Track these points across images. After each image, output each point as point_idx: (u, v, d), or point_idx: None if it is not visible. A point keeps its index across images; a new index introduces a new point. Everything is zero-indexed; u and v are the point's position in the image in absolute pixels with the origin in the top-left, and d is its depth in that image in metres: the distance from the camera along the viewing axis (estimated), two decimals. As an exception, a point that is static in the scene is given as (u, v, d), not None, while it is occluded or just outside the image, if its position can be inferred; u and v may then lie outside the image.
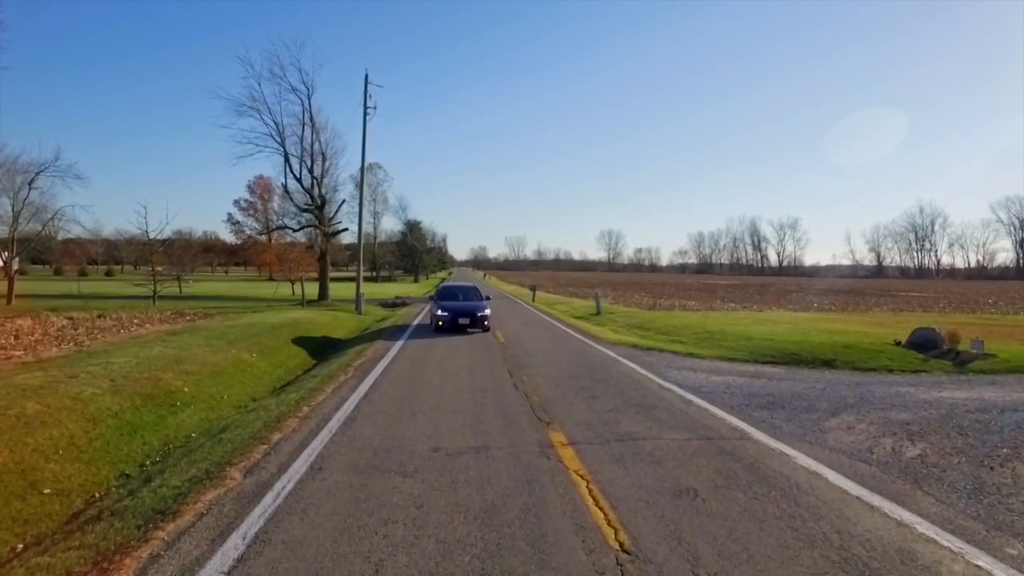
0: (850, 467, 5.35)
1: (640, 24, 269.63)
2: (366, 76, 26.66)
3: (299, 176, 33.81)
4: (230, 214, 72.22)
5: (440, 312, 16.06)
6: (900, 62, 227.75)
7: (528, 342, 14.46)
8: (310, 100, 32.92)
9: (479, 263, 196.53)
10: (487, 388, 8.69)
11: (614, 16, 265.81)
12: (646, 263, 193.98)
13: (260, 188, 67.33)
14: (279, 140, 32.78)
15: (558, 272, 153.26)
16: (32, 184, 28.38)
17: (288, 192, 35.77)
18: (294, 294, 33.55)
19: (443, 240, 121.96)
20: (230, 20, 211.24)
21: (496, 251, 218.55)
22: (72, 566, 3.62)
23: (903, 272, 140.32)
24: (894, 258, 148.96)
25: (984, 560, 3.56)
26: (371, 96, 26.97)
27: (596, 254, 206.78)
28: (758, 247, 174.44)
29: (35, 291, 36.42)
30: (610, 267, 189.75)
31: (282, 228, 44.19)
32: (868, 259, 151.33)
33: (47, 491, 5.19)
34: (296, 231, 40.63)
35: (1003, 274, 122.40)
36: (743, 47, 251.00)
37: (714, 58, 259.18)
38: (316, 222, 34.88)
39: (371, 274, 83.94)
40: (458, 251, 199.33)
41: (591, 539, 3.80)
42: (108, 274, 76.63)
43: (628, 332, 17.95)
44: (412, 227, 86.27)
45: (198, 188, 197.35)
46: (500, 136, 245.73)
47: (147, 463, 6.29)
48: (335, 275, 65.44)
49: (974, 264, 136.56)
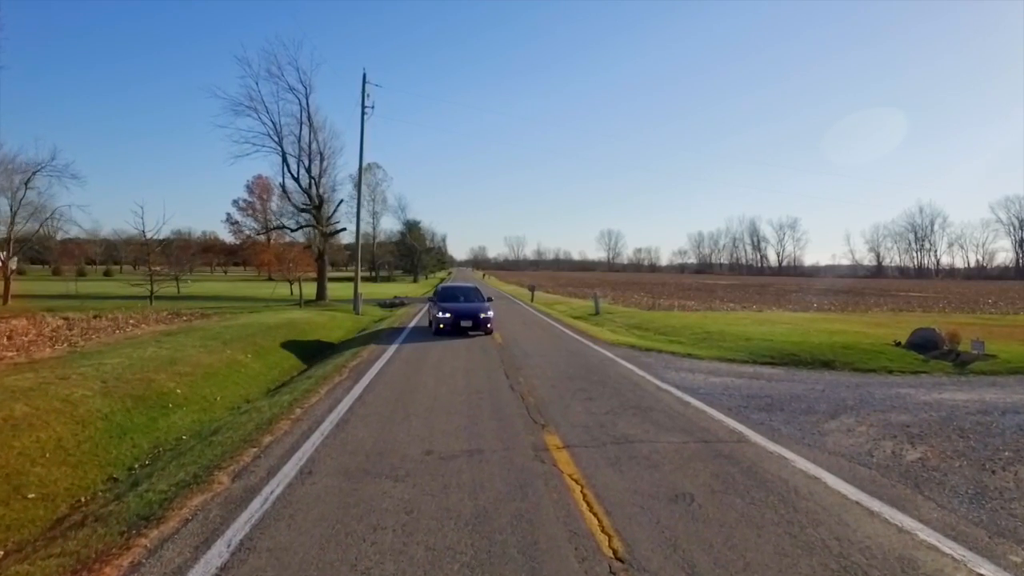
0: (849, 471, 5.26)
1: (640, 24, 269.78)
2: (364, 75, 26.63)
3: (297, 176, 33.76)
4: (229, 214, 71.99)
5: (441, 314, 15.40)
6: (900, 62, 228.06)
7: (525, 343, 14.37)
8: (308, 99, 32.88)
9: (479, 263, 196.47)
10: (483, 390, 8.60)
11: (614, 16, 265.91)
12: (646, 263, 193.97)
13: (259, 188, 67.11)
14: (277, 140, 32.74)
15: (557, 272, 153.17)
16: (29, 184, 28.26)
17: (286, 192, 35.67)
18: (292, 294, 33.44)
19: (443, 240, 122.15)
20: (230, 20, 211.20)
21: (496, 251, 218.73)
22: (51, 575, 3.53)
23: (903, 272, 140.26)
24: (894, 258, 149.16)
25: (987, 568, 3.47)
26: (369, 96, 26.92)
27: (596, 254, 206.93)
28: (757, 247, 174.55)
29: (32, 291, 36.29)
30: (610, 267, 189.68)
31: (280, 228, 44.02)
32: (868, 259, 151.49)
33: (32, 496, 5.10)
34: (294, 231, 40.52)
35: (1003, 274, 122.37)
36: (743, 47, 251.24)
37: (714, 58, 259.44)
38: (314, 222, 34.78)
39: (370, 274, 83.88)
40: (458, 251, 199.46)
41: (584, 546, 3.70)
42: (107, 274, 76.51)
43: (627, 332, 17.86)
44: (411, 227, 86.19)
45: (197, 188, 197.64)
46: (500, 136, 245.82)
47: (136, 466, 6.19)
48: (334, 275, 65.35)
49: (974, 264, 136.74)
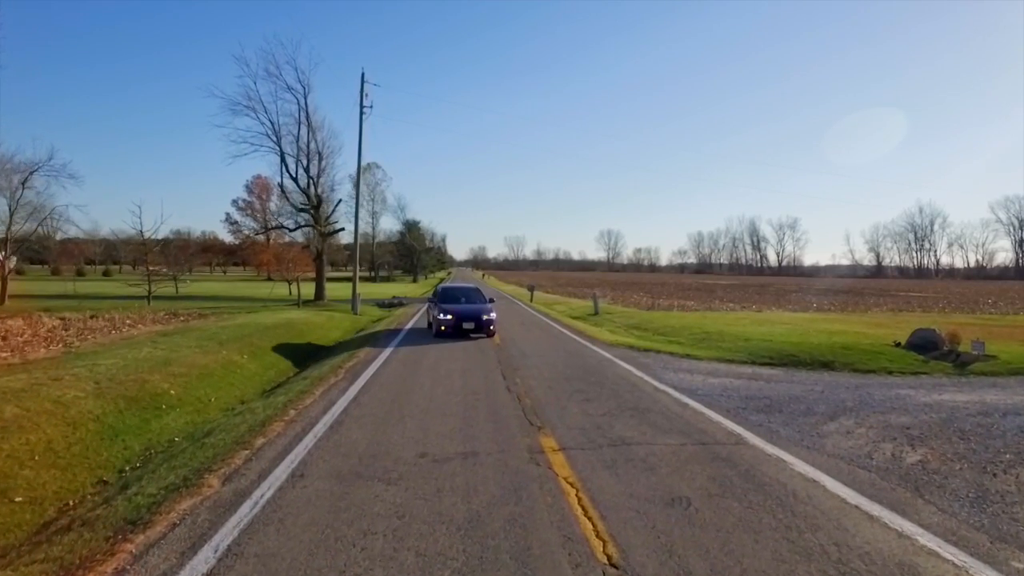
0: (849, 474, 5.19)
1: (640, 24, 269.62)
2: (362, 75, 26.52)
3: (295, 176, 33.64)
4: (228, 214, 71.99)
5: (442, 316, 14.82)
6: (900, 62, 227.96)
7: (524, 343, 14.29)
8: (306, 99, 32.75)
9: (478, 263, 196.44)
10: (479, 391, 8.52)
11: (614, 16, 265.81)
12: (645, 263, 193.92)
13: (258, 188, 67.08)
14: (275, 139, 32.62)
15: (557, 272, 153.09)
16: (26, 184, 28.18)
17: (284, 192, 35.56)
18: (291, 294, 33.36)
19: (442, 240, 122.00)
20: (230, 20, 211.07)
21: (495, 251, 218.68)
22: (33, 582, 3.46)
23: (902, 272, 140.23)
24: (893, 258, 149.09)
25: (989, 575, 3.40)
26: (368, 95, 26.80)
27: (595, 254, 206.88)
28: (757, 247, 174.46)
29: (31, 291, 36.20)
30: (609, 267, 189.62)
31: (279, 228, 43.92)
32: (867, 259, 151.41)
33: (19, 499, 5.03)
34: (292, 231, 40.38)
35: (1002, 274, 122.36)
36: (743, 47, 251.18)
37: (714, 58, 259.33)
38: (312, 222, 34.69)
39: (370, 274, 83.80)
40: (457, 251, 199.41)
41: (578, 552, 3.63)
42: (106, 274, 76.39)
43: (625, 333, 17.79)
44: (411, 227, 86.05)
45: (197, 188, 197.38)
46: (500, 136, 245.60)
47: (127, 469, 6.12)
48: (334, 275, 65.27)
49: (973, 264, 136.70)
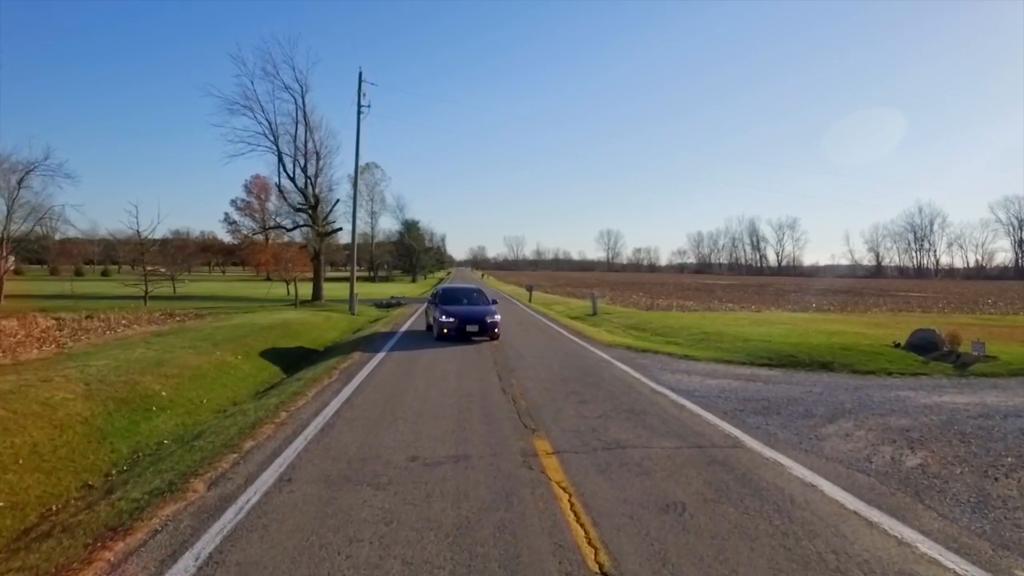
0: (847, 478, 5.09)
1: (640, 24, 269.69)
2: (360, 74, 26.40)
3: (292, 175, 33.53)
4: (227, 214, 71.94)
5: (444, 318, 14.22)
6: (900, 62, 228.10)
7: (521, 344, 14.19)
8: (304, 98, 32.66)
9: (478, 263, 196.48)
10: (474, 392, 8.42)
11: (614, 16, 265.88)
12: (645, 263, 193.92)
13: (257, 188, 66.94)
14: (272, 139, 32.52)
15: (557, 272, 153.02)
16: (22, 183, 28.05)
17: (282, 191, 35.44)
18: (289, 294, 33.25)
19: (442, 240, 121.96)
20: (229, 20, 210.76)
21: (495, 251, 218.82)
22: (6, 591, 3.36)
23: (902, 272, 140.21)
24: (893, 258, 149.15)
25: (991, 584, 3.31)
26: (365, 95, 26.69)
27: (595, 254, 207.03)
28: (757, 247, 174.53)
29: (28, 291, 36.09)
30: (609, 267, 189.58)
31: (276, 228, 43.77)
32: (867, 259, 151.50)
33: (0, 504, 4.92)
34: (290, 231, 40.24)
35: (1002, 274, 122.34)
36: (743, 47, 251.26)
37: (714, 58, 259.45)
38: (310, 222, 34.58)
39: (369, 274, 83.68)
40: (457, 251, 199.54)
41: (569, 560, 3.53)
42: (104, 274, 76.23)
43: (624, 333, 17.69)
44: (410, 227, 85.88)
45: (196, 188, 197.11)
46: (499, 136, 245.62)
47: (113, 472, 6.01)
48: (333, 275, 65.10)
49: (973, 264, 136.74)
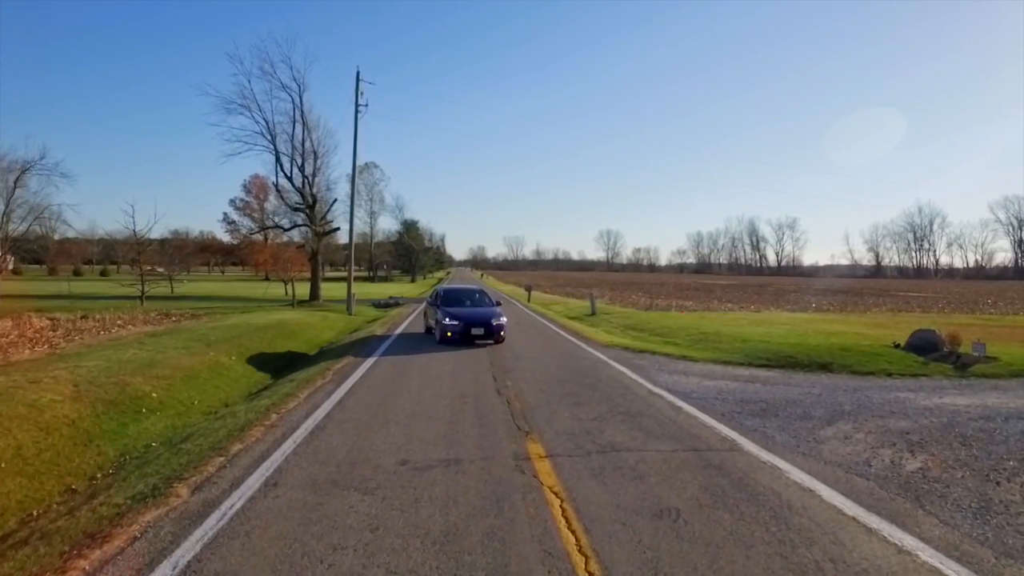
0: (846, 482, 4.98)
1: (640, 24, 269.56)
2: (357, 73, 26.32)
3: (290, 175, 33.46)
4: (226, 213, 71.88)
5: (448, 321, 13.59)
6: (900, 62, 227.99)
7: (517, 344, 14.07)
8: (301, 97, 32.59)
9: (477, 263, 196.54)
10: (468, 394, 8.31)
11: (613, 16, 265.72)
12: (644, 263, 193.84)
13: (256, 187, 66.88)
14: (270, 138, 32.45)
15: (556, 272, 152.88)
16: (18, 183, 27.94)
17: (279, 191, 35.34)
18: (287, 294, 33.13)
19: (441, 240, 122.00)
20: (229, 21, 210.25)
21: (495, 251, 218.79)
22: (-24, 602, 3.25)
23: (902, 272, 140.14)
24: (893, 258, 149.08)
25: (994, 595, 3.20)
26: (363, 94, 26.60)
27: (595, 254, 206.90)
28: (757, 247, 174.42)
29: (25, 291, 35.97)
30: (608, 267, 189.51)
31: (273, 228, 43.66)
32: (867, 259, 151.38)
33: (-21, 509, 4.81)
34: (287, 230, 40.14)
35: (1001, 274, 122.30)
36: (743, 47, 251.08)
37: (714, 58, 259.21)
38: (308, 221, 34.47)
39: (368, 274, 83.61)
40: (457, 251, 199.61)
41: (558, 569, 3.42)
42: (103, 274, 76.14)
43: (622, 334, 17.58)
44: (409, 227, 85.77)
45: (196, 188, 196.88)
46: (499, 136, 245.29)
47: (98, 476, 5.91)
48: (332, 275, 65.00)
49: (972, 264, 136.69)
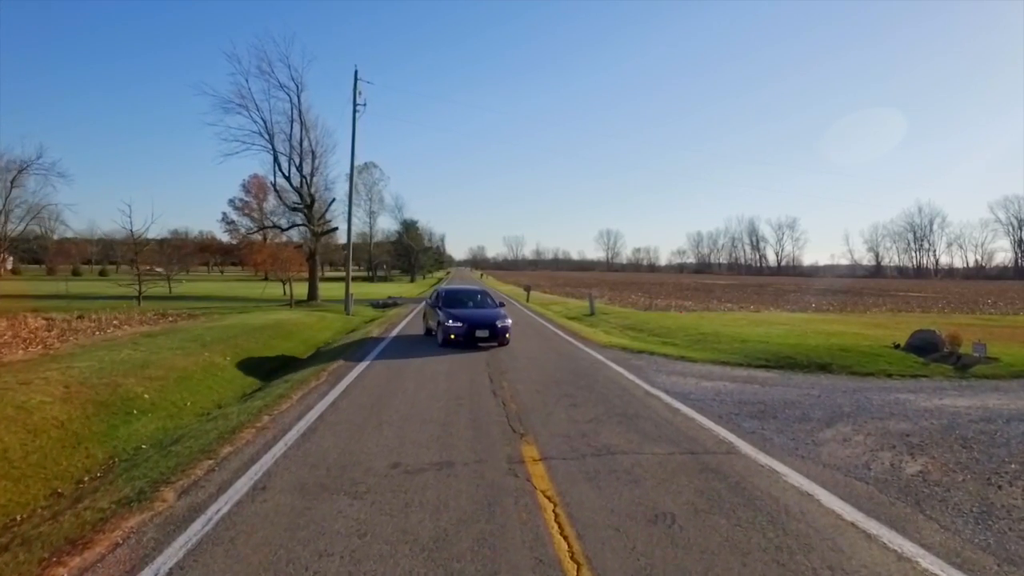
0: (845, 486, 4.89)
1: (639, 24, 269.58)
2: (355, 72, 26.20)
3: (288, 174, 33.31)
4: (224, 213, 71.70)
5: (451, 323, 13.17)
6: (899, 62, 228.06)
7: (515, 345, 13.96)
8: (299, 97, 32.44)
9: (477, 263, 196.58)
10: (463, 395, 8.22)
11: (613, 15, 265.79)
12: (644, 263, 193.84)
13: (255, 187, 66.70)
14: (267, 138, 32.30)
15: (556, 272, 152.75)
16: (14, 182, 27.83)
17: (277, 191, 35.26)
18: (285, 294, 33.03)
19: (441, 240, 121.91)
20: (228, 21, 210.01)
21: (495, 251, 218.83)
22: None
23: (901, 272, 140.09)
24: (892, 258, 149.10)
25: (997, 604, 3.11)
26: (361, 93, 26.50)
27: (594, 254, 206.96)
28: (756, 247, 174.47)
29: (23, 291, 35.87)
30: (608, 267, 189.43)
31: (271, 227, 43.54)
32: (866, 259, 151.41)
33: (-38, 514, 4.72)
34: (285, 230, 39.99)
35: (1001, 274, 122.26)
36: (743, 47, 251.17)
37: (714, 58, 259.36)
38: (306, 221, 34.36)
39: (368, 274, 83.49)
40: (456, 251, 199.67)
41: (549, 577, 3.33)
42: (102, 274, 75.97)
43: (620, 334, 17.49)
44: (408, 227, 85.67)
45: (196, 188, 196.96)
46: (499, 136, 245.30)
47: (86, 479, 5.81)
48: (332, 275, 64.88)
49: (972, 264, 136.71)
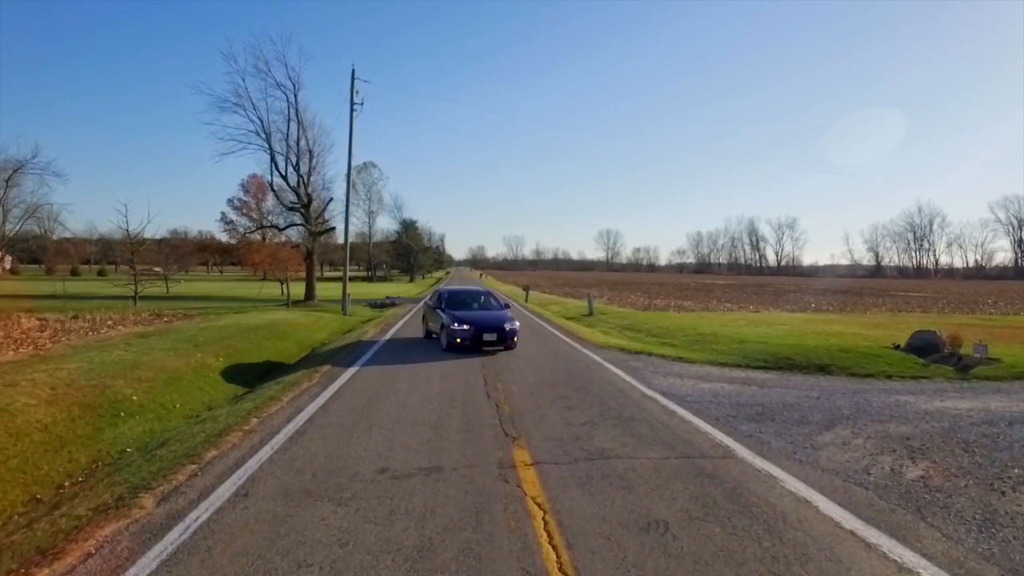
0: (844, 492, 4.75)
1: (640, 23, 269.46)
2: (352, 71, 26.02)
3: (285, 174, 33.13)
4: (223, 213, 71.44)
5: (457, 326, 12.29)
6: (899, 62, 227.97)
7: (512, 345, 13.83)
8: (296, 96, 32.24)
9: (477, 263, 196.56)
10: (456, 397, 8.09)
11: (613, 15, 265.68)
12: (644, 263, 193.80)
13: (254, 187, 66.47)
14: (264, 137, 32.08)
15: (556, 272, 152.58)
16: (9, 182, 27.70)
17: (274, 190, 35.11)
18: (282, 294, 32.90)
19: (441, 240, 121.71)
20: (228, 21, 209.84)
21: (495, 251, 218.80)
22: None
23: (901, 272, 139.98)
24: (892, 258, 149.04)
25: (1002, 619, 2.98)
26: (358, 92, 26.33)
27: (594, 254, 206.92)
28: (756, 247, 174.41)
29: (20, 291, 35.74)
30: (608, 267, 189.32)
31: (268, 227, 43.36)
32: (866, 259, 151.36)
33: (-65, 521, 4.59)
34: (282, 229, 39.81)
35: (1001, 274, 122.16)
36: (743, 47, 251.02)
37: (714, 58, 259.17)
38: (303, 221, 34.21)
39: (367, 274, 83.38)
40: (456, 251, 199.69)
41: (535, 590, 3.20)
42: (101, 274, 75.77)
43: (618, 334, 17.36)
44: (408, 226, 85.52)
45: (196, 187, 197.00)
46: (499, 135, 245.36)
47: (66, 484, 5.68)
48: (330, 275, 64.73)
49: (972, 264, 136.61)
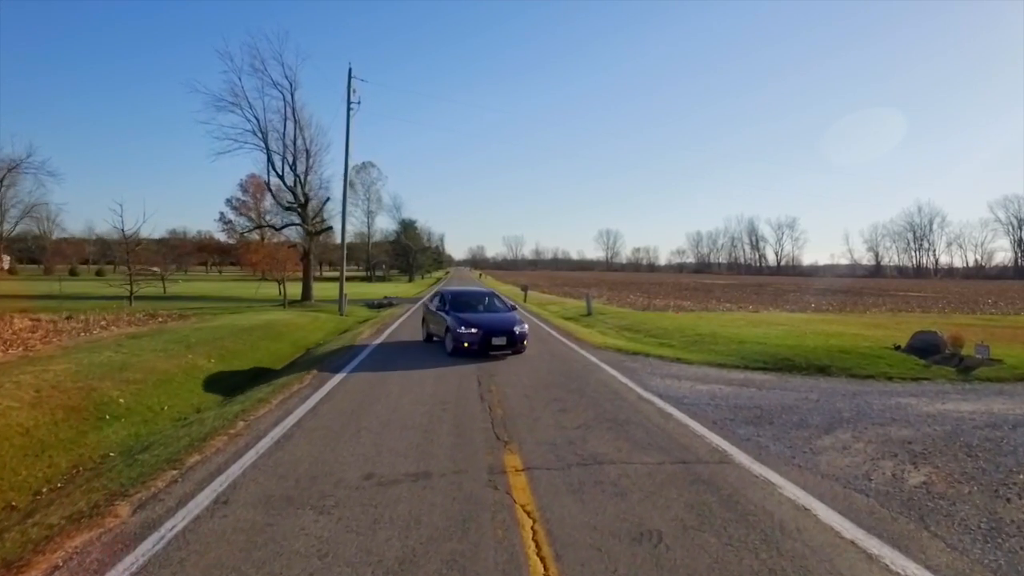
0: (844, 499, 4.60)
1: (640, 23, 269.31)
2: (349, 70, 25.81)
3: (281, 174, 32.93)
4: (222, 213, 71.10)
5: (464, 330, 11.55)
6: (899, 62, 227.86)
7: (508, 346, 13.68)
8: (293, 95, 32.02)
9: (477, 263, 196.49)
10: (449, 399, 7.93)
11: (613, 15, 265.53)
12: (644, 263, 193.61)
13: (253, 187, 66.22)
14: (261, 136, 31.88)
15: (556, 272, 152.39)
16: (4, 181, 27.51)
17: (271, 189, 34.90)
18: (279, 294, 32.73)
19: (440, 239, 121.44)
20: (228, 21, 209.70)
21: (494, 251, 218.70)
22: None
23: (901, 272, 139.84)
24: (892, 258, 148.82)
25: (1011, 638, 2.82)
26: (356, 91, 26.10)
27: (594, 254, 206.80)
28: (756, 246, 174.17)
29: (16, 291, 35.54)
30: (608, 267, 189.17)
31: (264, 227, 43.15)
32: (866, 259, 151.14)
33: (-97, 530, 4.42)
34: (279, 229, 39.61)
35: (1001, 273, 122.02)
36: (743, 47, 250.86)
37: (714, 58, 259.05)
38: (300, 220, 34.03)
39: (366, 274, 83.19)
40: (456, 251, 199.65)
41: (521, 605, 3.05)
42: (99, 274, 75.53)
43: (616, 335, 17.21)
44: (407, 226, 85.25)
45: (196, 187, 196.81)
46: (499, 135, 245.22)
47: (44, 490, 5.52)
48: (329, 275, 64.48)
49: (972, 264, 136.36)
